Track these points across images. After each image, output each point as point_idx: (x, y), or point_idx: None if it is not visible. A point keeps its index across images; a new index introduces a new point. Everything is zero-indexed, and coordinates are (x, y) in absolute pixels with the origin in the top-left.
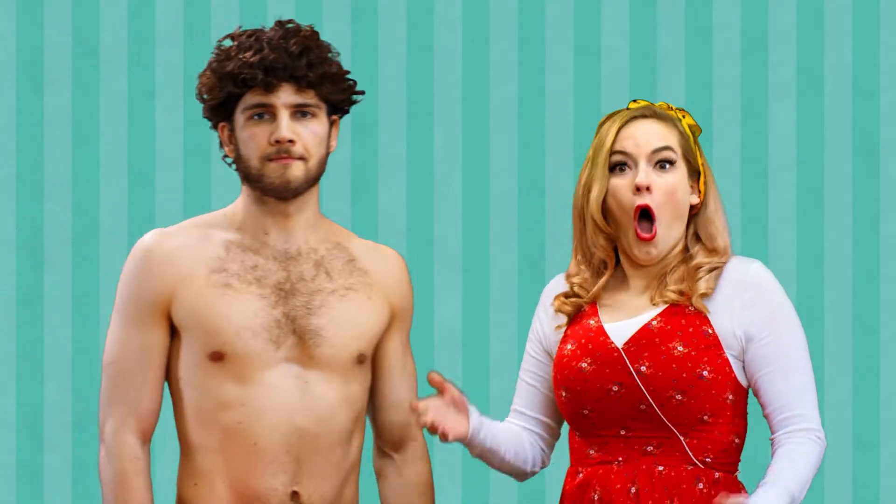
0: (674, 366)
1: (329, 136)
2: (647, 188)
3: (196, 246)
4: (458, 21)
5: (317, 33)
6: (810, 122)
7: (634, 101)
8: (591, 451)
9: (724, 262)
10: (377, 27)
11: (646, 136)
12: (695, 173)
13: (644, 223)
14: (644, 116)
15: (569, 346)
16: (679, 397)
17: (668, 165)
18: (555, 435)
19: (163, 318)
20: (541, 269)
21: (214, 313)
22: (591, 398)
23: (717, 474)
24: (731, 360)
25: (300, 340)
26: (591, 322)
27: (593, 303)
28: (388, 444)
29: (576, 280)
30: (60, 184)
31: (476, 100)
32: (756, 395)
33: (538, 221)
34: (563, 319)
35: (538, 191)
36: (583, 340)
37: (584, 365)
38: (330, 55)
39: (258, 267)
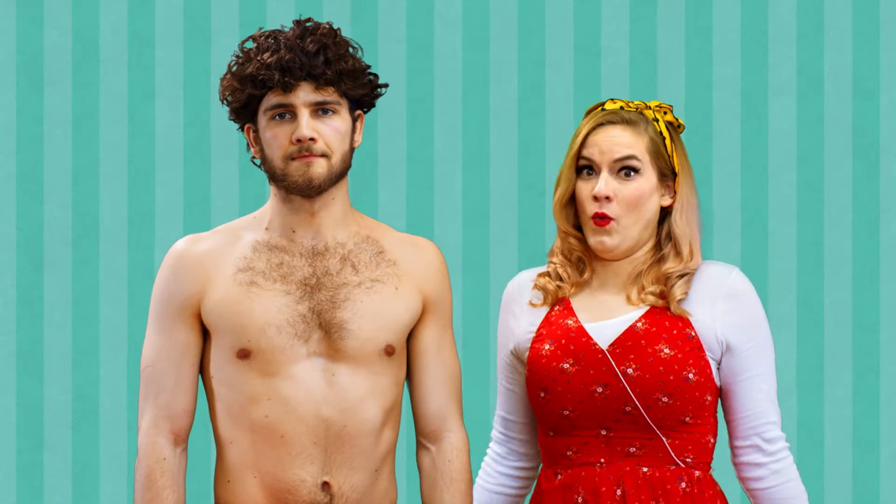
0: (661, 368)
1: (353, 132)
2: (607, 198)
3: (224, 248)
4: (458, 21)
5: (335, 31)
6: (810, 121)
7: (612, 100)
8: (570, 452)
9: (694, 268)
10: (377, 27)
11: (610, 144)
12: (668, 175)
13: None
14: (612, 122)
15: (547, 346)
16: (665, 399)
17: (632, 173)
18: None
19: (193, 319)
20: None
21: (240, 311)
22: (573, 399)
23: (697, 473)
24: (711, 363)
25: (326, 334)
26: (570, 322)
27: (568, 302)
28: (424, 435)
29: (557, 261)
30: (60, 184)
31: (476, 100)
32: (725, 399)
33: (538, 221)
34: (540, 299)
35: (538, 191)
36: (563, 341)
37: (566, 365)
38: (349, 51)
39: (284, 264)
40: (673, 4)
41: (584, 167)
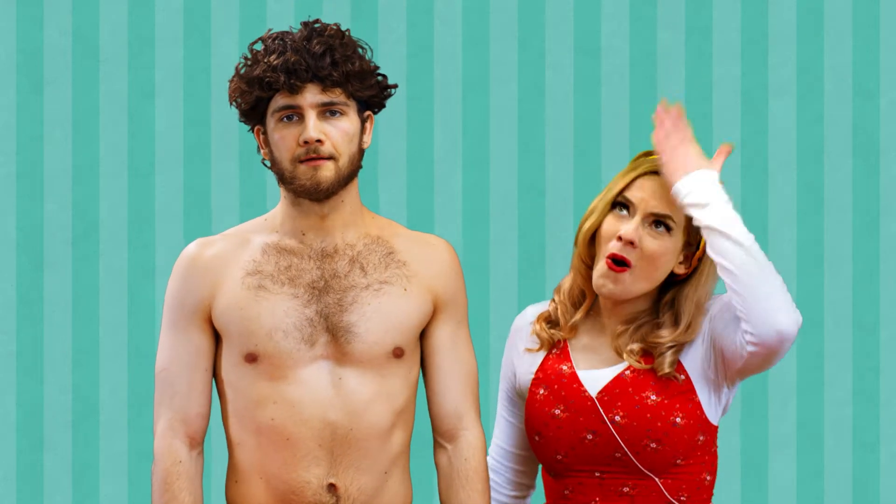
0: (648, 415)
1: (362, 133)
2: (631, 243)
3: (234, 251)
4: (458, 21)
5: (342, 32)
6: (810, 121)
7: None
8: (566, 492)
9: (685, 341)
10: (377, 27)
11: (654, 195)
12: (692, 244)
13: (617, 266)
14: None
15: (541, 391)
16: (654, 445)
17: (662, 228)
18: (537, 462)
19: (205, 323)
20: (541, 269)
21: (247, 315)
22: (565, 444)
23: None
24: (703, 401)
25: (333, 338)
26: (564, 368)
27: (566, 346)
28: (441, 434)
29: (559, 299)
30: (60, 184)
31: (476, 100)
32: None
33: (538, 221)
34: (536, 345)
35: (538, 191)
36: (555, 386)
37: (557, 412)
38: (357, 52)
39: (292, 267)
40: (673, 4)
41: (619, 203)
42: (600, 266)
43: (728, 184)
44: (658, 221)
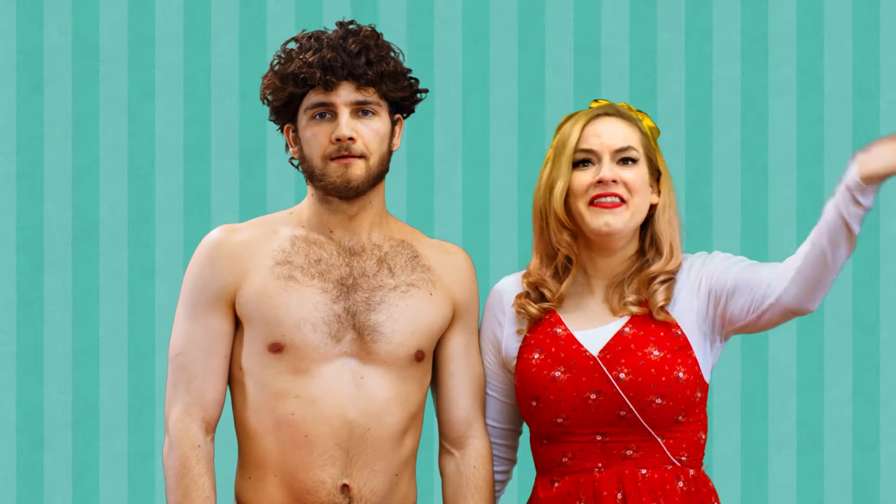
0: (652, 370)
1: (392, 135)
2: (614, 181)
3: (262, 239)
4: (458, 21)
5: (377, 33)
6: (810, 121)
7: (596, 100)
8: (565, 459)
9: (674, 269)
10: (377, 27)
11: (610, 134)
12: (655, 173)
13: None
14: (607, 115)
15: (536, 356)
16: (659, 401)
17: (630, 163)
18: (519, 435)
19: (228, 308)
20: None
21: (276, 304)
22: (567, 406)
23: (691, 471)
24: (699, 357)
25: (359, 336)
26: (558, 330)
27: (554, 310)
28: (449, 441)
29: (535, 279)
30: (60, 184)
31: (476, 100)
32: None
33: None
34: (524, 324)
35: None
36: (553, 349)
37: (558, 374)
38: (391, 54)
39: (322, 261)
40: (673, 4)
41: (580, 161)
42: (590, 213)
43: (728, 184)
44: (624, 159)
